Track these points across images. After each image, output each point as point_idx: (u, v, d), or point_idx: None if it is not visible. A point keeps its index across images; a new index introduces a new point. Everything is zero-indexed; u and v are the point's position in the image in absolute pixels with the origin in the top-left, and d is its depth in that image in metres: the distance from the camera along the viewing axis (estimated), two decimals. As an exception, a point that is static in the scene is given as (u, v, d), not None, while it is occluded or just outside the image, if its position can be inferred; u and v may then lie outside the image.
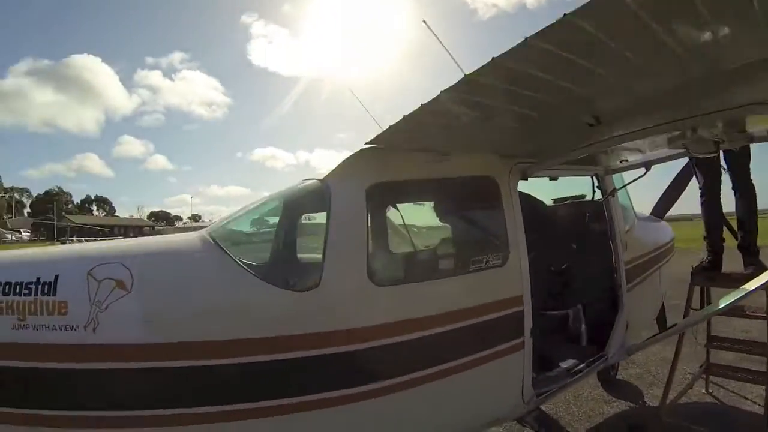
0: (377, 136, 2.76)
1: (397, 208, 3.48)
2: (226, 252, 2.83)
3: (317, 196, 3.01)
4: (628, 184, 4.37)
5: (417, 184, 3.24)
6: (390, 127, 2.57)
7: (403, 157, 3.15)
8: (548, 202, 5.29)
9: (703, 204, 5.10)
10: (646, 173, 4.13)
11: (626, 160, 4.13)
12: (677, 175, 6.12)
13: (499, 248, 3.24)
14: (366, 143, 2.93)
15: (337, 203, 2.87)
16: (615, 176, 4.49)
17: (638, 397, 5.37)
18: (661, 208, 6.39)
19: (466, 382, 3.00)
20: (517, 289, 3.23)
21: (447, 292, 3.01)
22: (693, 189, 5.94)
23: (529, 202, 4.13)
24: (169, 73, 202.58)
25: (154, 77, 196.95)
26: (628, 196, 5.07)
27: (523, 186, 3.63)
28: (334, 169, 3.03)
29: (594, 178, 4.44)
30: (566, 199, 5.21)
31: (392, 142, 2.96)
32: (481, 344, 3.06)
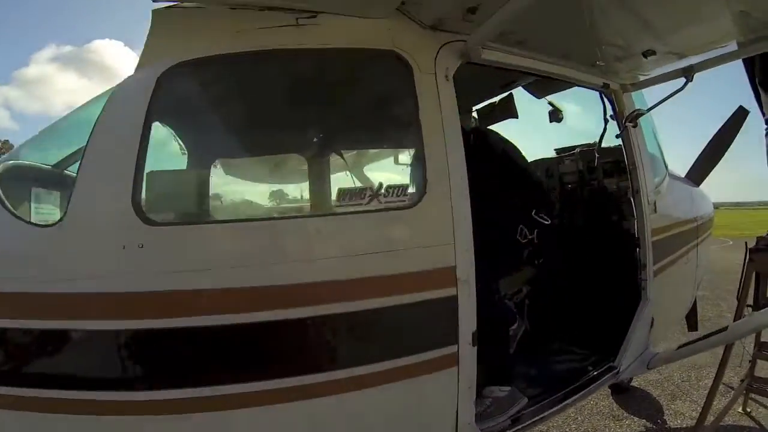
0: None
1: (212, 102, 2.03)
2: None
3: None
4: (661, 102, 2.60)
5: (252, 60, 1.80)
6: None
7: (233, 19, 1.74)
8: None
9: None
10: (686, 85, 2.37)
11: (652, 52, 2.29)
12: (723, 124, 4.31)
13: (406, 176, 1.77)
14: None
15: (114, 98, 1.76)
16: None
17: (657, 414, 3.90)
18: (697, 173, 4.43)
19: (325, 415, 1.61)
20: (443, 255, 1.69)
21: (286, 246, 1.61)
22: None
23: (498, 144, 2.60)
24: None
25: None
26: (658, 142, 3.28)
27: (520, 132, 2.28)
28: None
29: (604, 97, 2.72)
30: (573, 148, 3.59)
31: None
32: (359, 351, 1.64)
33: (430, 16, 1.80)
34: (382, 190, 1.69)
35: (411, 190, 1.74)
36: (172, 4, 1.71)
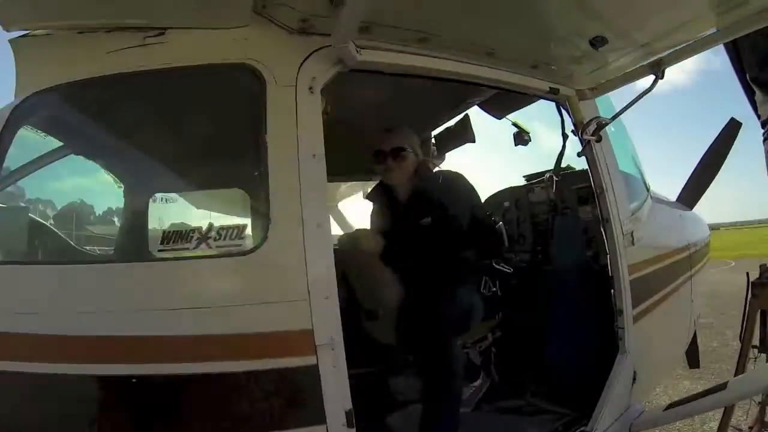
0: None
1: (58, 137, 1.80)
2: None
3: None
4: (627, 107, 2.04)
5: (96, 88, 1.54)
6: None
7: (83, 45, 1.48)
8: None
9: None
10: (656, 83, 1.87)
11: (602, 40, 1.73)
12: (715, 140, 3.80)
13: (243, 212, 1.44)
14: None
15: None
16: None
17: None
18: (690, 195, 3.85)
19: None
20: (293, 314, 1.29)
21: (93, 294, 1.31)
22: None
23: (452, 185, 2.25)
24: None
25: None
26: (636, 159, 2.79)
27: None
28: None
29: (559, 106, 2.20)
30: (542, 174, 3.13)
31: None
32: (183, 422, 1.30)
33: (294, 18, 1.40)
34: (212, 232, 1.30)
35: (249, 231, 1.34)
36: (23, 33, 1.51)
